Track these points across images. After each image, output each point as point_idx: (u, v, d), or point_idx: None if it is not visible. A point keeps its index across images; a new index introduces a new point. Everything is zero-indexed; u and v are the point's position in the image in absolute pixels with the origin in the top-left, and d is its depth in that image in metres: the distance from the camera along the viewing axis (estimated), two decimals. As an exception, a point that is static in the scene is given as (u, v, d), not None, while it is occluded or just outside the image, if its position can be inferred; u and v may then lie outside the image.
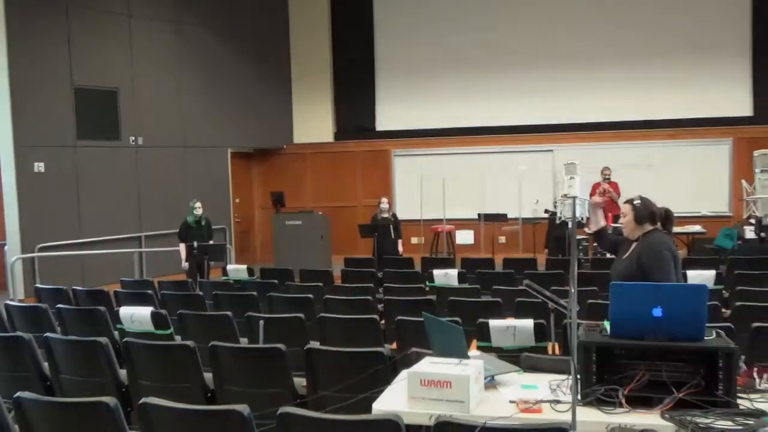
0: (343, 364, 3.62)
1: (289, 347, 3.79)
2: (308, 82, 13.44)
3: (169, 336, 4.90)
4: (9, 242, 9.68)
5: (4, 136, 9.55)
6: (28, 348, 4.06)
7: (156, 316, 4.92)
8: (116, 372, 3.94)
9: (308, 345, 3.98)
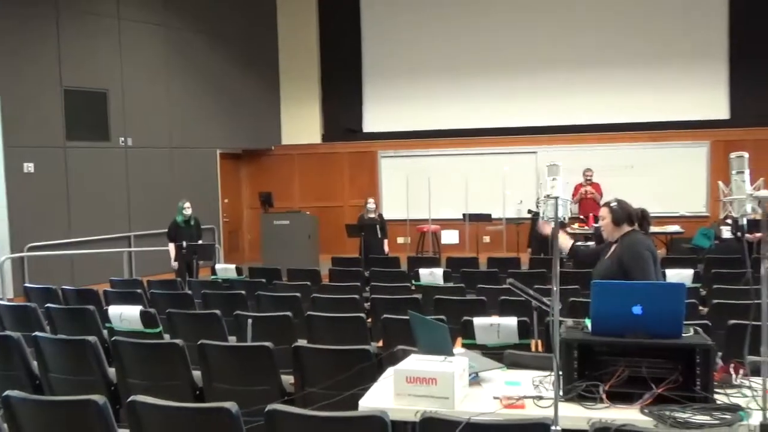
0: (330, 362, 3.61)
1: (277, 345, 3.78)
2: (296, 85, 13.42)
3: (158, 335, 4.87)
4: (-2, 242, 9.59)
5: (-6, 137, 9.46)
6: (17, 347, 4.01)
7: (145, 315, 4.89)
8: (105, 370, 3.91)
9: (296, 343, 3.97)
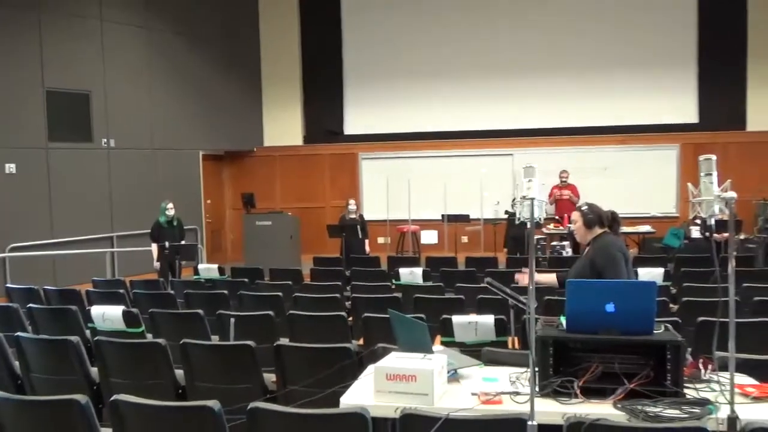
0: (312, 360, 3.60)
1: (259, 344, 3.76)
2: (278, 87, 13.35)
3: (141, 334, 4.81)
4: (-20, 243, 9.42)
5: (-24, 138, 9.30)
6: (-1, 347, 3.95)
7: (127, 314, 4.82)
8: (87, 370, 3.86)
9: (278, 342, 3.95)
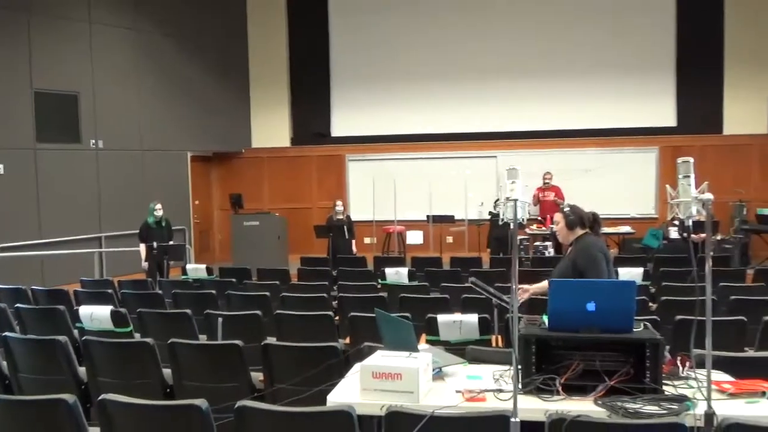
0: (299, 359, 3.59)
1: (247, 343, 3.74)
2: (266, 89, 13.29)
3: (129, 334, 4.77)
4: (-33, 243, 9.29)
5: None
6: (-14, 347, 3.90)
7: (116, 314, 4.78)
8: (75, 370, 3.82)
9: (265, 341, 3.93)
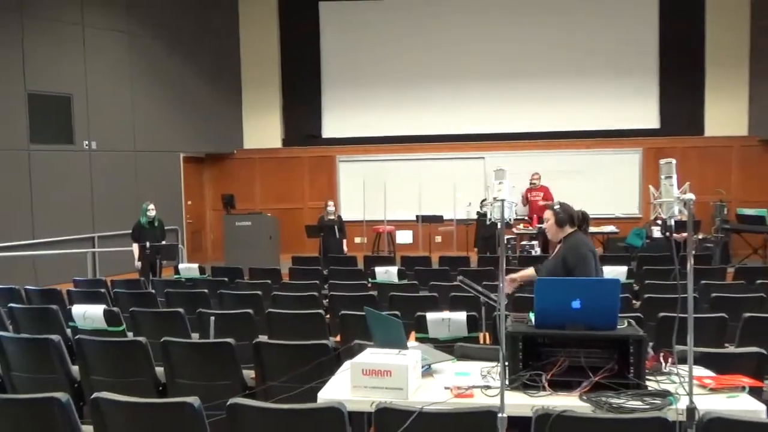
0: (290, 356, 3.59)
1: (239, 341, 3.73)
2: (258, 92, 13.26)
3: (122, 333, 4.74)
4: (-39, 243, 9.20)
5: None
6: (-20, 347, 3.86)
7: (108, 313, 4.75)
8: (68, 368, 3.79)
9: (257, 339, 3.93)
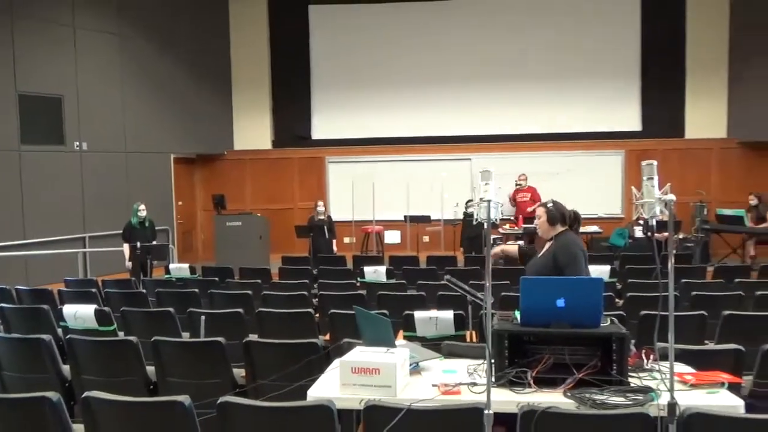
0: (280, 355, 3.57)
1: (229, 340, 3.72)
2: (248, 93, 13.21)
3: (113, 332, 4.71)
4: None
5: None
6: (-30, 346, 3.81)
7: (99, 313, 4.71)
8: (59, 368, 3.76)
9: (247, 338, 3.91)
